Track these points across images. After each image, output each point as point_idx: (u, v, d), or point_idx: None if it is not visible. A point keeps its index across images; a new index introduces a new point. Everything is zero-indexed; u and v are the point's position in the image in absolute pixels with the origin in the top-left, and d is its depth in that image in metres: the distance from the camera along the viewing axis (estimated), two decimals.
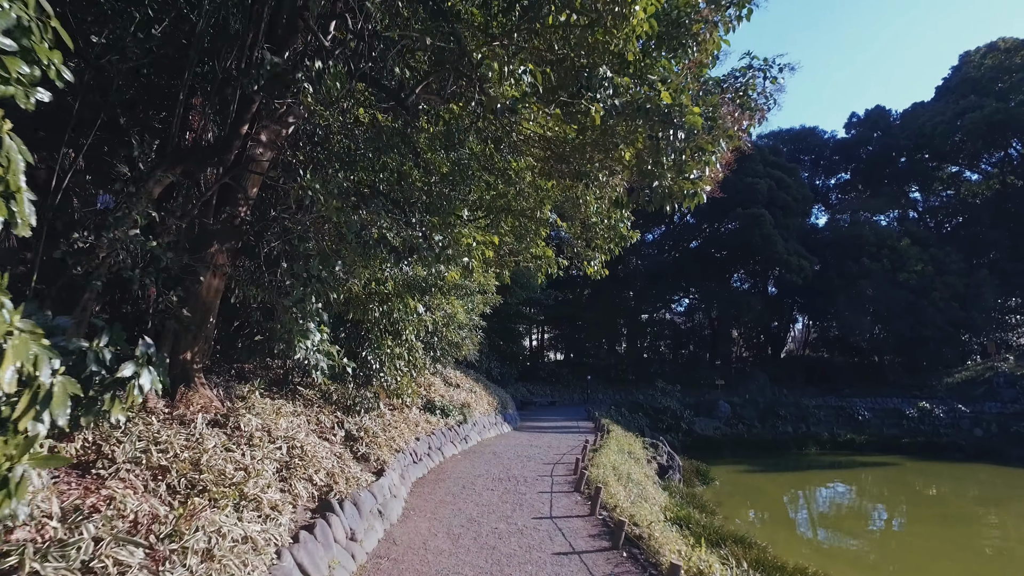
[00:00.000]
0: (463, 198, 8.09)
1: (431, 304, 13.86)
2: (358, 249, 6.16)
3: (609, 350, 47.95)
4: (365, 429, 10.55)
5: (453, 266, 8.05)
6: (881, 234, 41.78)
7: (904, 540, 17.44)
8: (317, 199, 5.56)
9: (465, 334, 17.39)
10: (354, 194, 6.84)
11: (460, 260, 7.13)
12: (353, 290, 8.76)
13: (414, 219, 7.15)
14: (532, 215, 10.95)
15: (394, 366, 12.00)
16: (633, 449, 17.68)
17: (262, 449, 6.68)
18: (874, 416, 38.17)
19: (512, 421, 22.34)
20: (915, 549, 16.05)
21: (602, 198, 9.57)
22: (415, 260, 8.80)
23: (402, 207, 7.13)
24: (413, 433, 12.57)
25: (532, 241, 11.88)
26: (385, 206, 6.78)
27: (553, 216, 10.11)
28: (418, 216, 7.21)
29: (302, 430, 8.59)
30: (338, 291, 7.19)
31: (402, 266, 8.37)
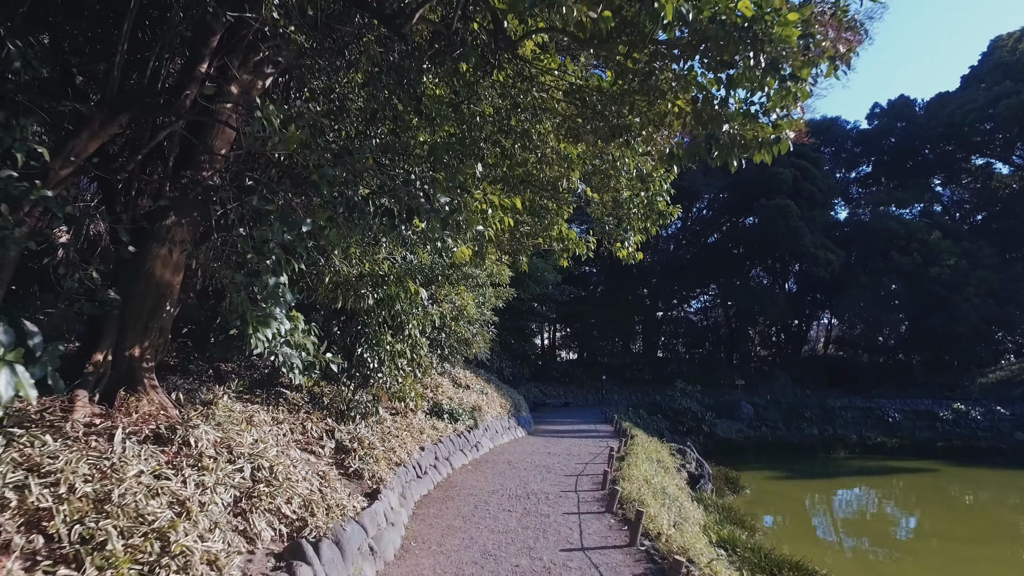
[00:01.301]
0: (474, 162, 6.53)
1: (437, 295, 12.29)
2: (339, 208, 4.58)
3: (624, 349, 46.23)
4: (360, 439, 8.99)
5: (463, 238, 6.49)
6: (910, 227, 39.74)
7: (960, 555, 15.68)
8: (274, 132, 3.99)
9: (476, 330, 15.80)
10: (335, 142, 5.26)
11: (473, 227, 5.53)
12: (342, 272, 7.19)
13: (413, 175, 5.56)
14: (556, 187, 9.34)
15: (395, 365, 10.42)
16: (661, 456, 16.03)
17: (215, 473, 5.11)
18: (905, 418, 36.20)
19: (526, 425, 20.73)
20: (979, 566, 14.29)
21: (645, 157, 7.93)
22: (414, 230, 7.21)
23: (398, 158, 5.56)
24: (417, 442, 10.99)
25: (555, 218, 10.26)
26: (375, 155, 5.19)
27: (581, 187, 8.49)
28: (419, 172, 5.62)
29: (276, 444, 7.03)
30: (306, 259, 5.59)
31: (399, 234, 6.79)
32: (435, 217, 5.29)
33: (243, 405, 7.85)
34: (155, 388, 6.62)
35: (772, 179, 35.31)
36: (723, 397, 38.30)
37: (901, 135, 51.47)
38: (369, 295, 7.17)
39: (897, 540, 17.18)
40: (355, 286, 7.13)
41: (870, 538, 17.02)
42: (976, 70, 51.46)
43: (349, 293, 7.23)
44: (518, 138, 8.23)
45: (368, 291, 7.14)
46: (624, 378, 40.71)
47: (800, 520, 19.28)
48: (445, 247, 6.69)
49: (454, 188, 5.81)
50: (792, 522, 18.64)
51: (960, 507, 21.92)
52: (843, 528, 18.47)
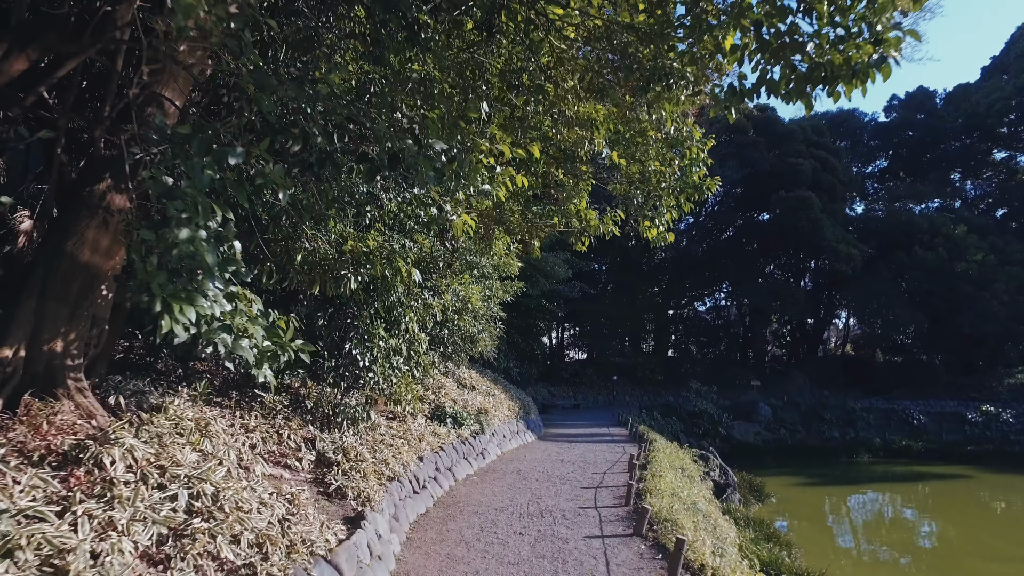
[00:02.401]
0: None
1: (438, 285, 10.98)
2: (290, 141, 3.26)
3: (634, 348, 44.76)
4: (345, 450, 7.68)
5: (464, 192, 5.18)
6: (934, 221, 38.10)
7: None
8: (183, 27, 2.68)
9: (482, 327, 14.48)
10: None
11: (475, 182, 4.19)
12: (318, 248, 5.88)
13: (400, 113, 4.24)
14: (575, 154, 8.00)
15: (389, 364, 9.12)
16: (684, 464, 14.65)
17: (132, 505, 3.80)
18: (930, 420, 34.60)
19: (536, 429, 19.38)
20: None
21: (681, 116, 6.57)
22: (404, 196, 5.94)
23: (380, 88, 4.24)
24: (415, 451, 9.67)
25: (574, 192, 8.91)
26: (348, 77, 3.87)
27: (606, 151, 7.15)
28: (407, 110, 4.30)
29: (239, 458, 5.73)
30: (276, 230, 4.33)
31: (378, 197, 5.51)
32: (425, 164, 3.97)
33: (203, 410, 6.58)
34: (82, 391, 5.34)
35: (790, 171, 33.78)
36: (739, 398, 36.84)
37: (921, 127, 49.76)
38: (351, 277, 5.86)
39: (944, 558, 15.71)
40: (334, 266, 5.82)
41: (913, 555, 15.57)
42: (999, 60, 49.69)
43: (327, 275, 5.92)
44: (531, 94, 6.89)
45: (350, 272, 5.82)
46: (635, 378, 39.29)
47: (831, 532, 17.83)
48: (442, 216, 5.36)
49: (453, 131, 4.48)
50: (823, 533, 17.20)
51: (1004, 519, 20.37)
52: (882, 543, 17.01)
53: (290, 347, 4.37)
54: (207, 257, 3.04)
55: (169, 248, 2.91)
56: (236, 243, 4.24)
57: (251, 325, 3.77)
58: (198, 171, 2.94)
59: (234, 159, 3.05)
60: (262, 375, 4.29)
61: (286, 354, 4.37)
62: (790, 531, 14.89)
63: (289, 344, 4.41)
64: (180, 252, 2.95)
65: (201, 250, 3.00)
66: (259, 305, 4.29)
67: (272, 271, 6.07)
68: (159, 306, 3.09)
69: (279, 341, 4.37)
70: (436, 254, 10.85)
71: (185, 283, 3.47)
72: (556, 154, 8.14)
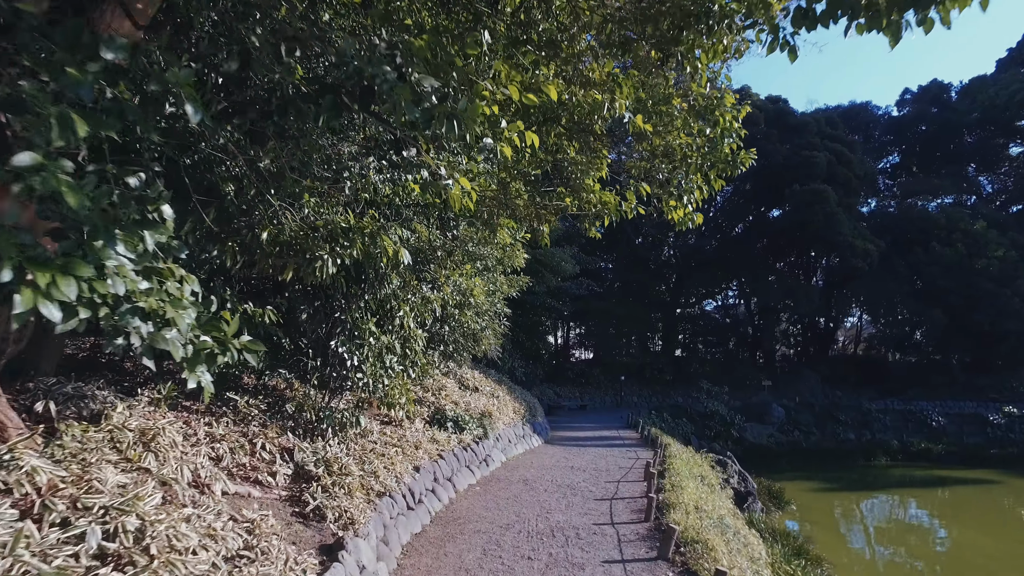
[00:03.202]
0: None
1: (437, 277, 10.00)
2: (228, 54, 2.28)
3: (642, 348, 43.68)
4: (329, 461, 6.69)
5: (457, 145, 4.22)
6: (951, 216, 36.86)
7: None
8: None
9: (485, 323, 13.49)
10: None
11: (472, 129, 3.18)
12: (287, 224, 4.88)
13: (377, 38, 3.25)
14: (592, 123, 6.98)
15: (381, 363, 8.13)
16: (703, 472, 13.61)
17: (12, 553, 2.80)
18: (950, 422, 33.41)
19: (542, 432, 18.36)
20: None
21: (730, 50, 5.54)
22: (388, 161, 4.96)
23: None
24: (411, 460, 8.67)
25: (591, 167, 7.89)
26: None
27: (628, 115, 6.13)
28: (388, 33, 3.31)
29: (195, 476, 4.75)
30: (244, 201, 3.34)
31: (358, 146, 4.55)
32: (407, 96, 2.98)
33: (159, 417, 5.60)
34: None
35: (804, 164, 32.63)
36: (750, 399, 35.74)
37: (935, 121, 48.45)
38: (329, 259, 4.86)
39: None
40: (306, 244, 4.82)
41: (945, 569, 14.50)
42: (1015, 52, 48.37)
43: (300, 257, 4.92)
44: (542, 48, 5.89)
45: (324, 252, 4.82)
46: (643, 379, 38.24)
47: (857, 542, 16.77)
48: (436, 183, 4.37)
49: (447, 68, 3.49)
50: (848, 544, 16.15)
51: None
52: (912, 554, 15.94)
53: (233, 344, 3.36)
54: (70, 197, 2.04)
55: (8, 181, 1.92)
56: (166, 207, 3.28)
57: (173, 309, 2.77)
58: (57, 70, 1.95)
59: (113, 53, 2.06)
60: (195, 378, 3.28)
61: (228, 353, 3.36)
62: (815, 542, 13.83)
63: (233, 340, 3.40)
64: (25, 188, 1.95)
65: (61, 187, 2.00)
66: (195, 286, 3.29)
67: (236, 252, 5.08)
68: (9, 274, 2.10)
69: (220, 336, 3.37)
70: (435, 243, 9.88)
71: (71, 247, 2.49)
72: (568, 124, 7.13)
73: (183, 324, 2.80)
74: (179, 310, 2.77)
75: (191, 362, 3.24)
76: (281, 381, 9.03)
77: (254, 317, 6.84)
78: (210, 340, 3.33)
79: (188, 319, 2.91)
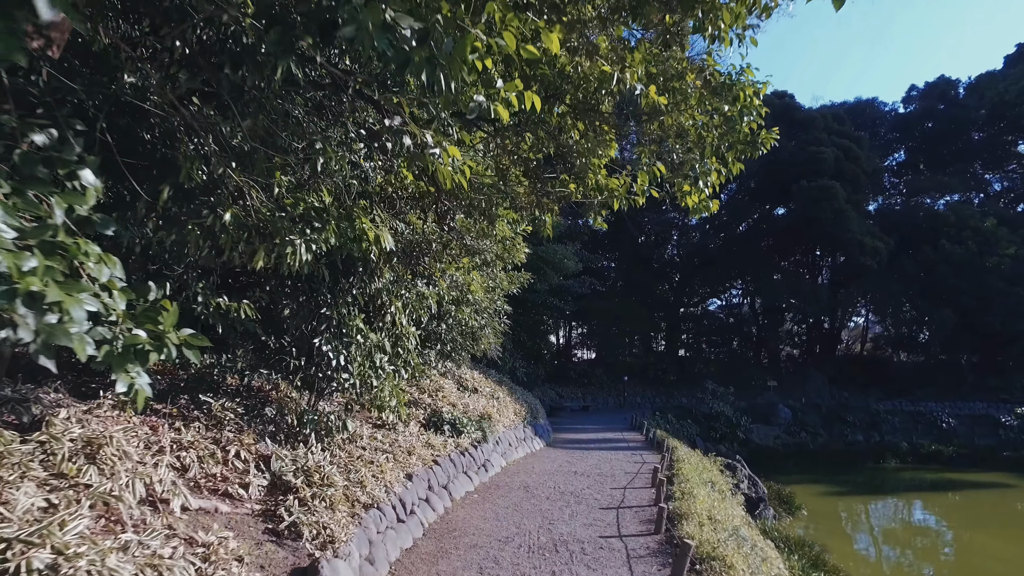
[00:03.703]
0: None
1: (432, 271, 9.39)
2: None
3: (645, 348, 43.01)
4: (309, 470, 6.08)
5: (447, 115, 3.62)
6: (961, 213, 36.14)
7: None
8: None
9: (484, 321, 12.88)
10: None
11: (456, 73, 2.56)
12: (253, 205, 4.28)
13: None
14: (597, 103, 6.38)
15: (370, 363, 7.52)
16: (713, 477, 12.99)
17: None
18: (960, 424, 32.72)
19: (544, 435, 17.74)
20: None
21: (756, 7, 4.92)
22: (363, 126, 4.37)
23: None
24: (403, 467, 8.06)
25: (598, 147, 7.27)
26: None
27: (640, 87, 5.52)
28: None
29: (138, 494, 4.15)
30: None
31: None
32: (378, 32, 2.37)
33: (114, 423, 5.01)
34: None
35: (811, 160, 31.94)
36: (755, 399, 35.05)
37: (942, 118, 47.68)
38: (302, 244, 4.26)
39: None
40: (276, 226, 4.21)
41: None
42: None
43: (269, 242, 4.32)
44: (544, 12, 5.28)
45: (298, 237, 4.22)
46: (646, 379, 37.60)
47: (869, 548, 16.13)
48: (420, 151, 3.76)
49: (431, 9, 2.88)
50: (862, 551, 15.51)
51: None
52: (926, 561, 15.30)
53: (170, 339, 2.75)
54: None
55: None
56: (87, 172, 2.72)
57: (63, 293, 2.16)
58: None
59: None
60: (126, 380, 2.66)
61: (164, 350, 2.75)
62: (830, 551, 13.19)
63: (171, 334, 2.79)
64: None
65: None
66: (117, 271, 2.67)
67: (198, 237, 4.47)
68: None
69: (156, 330, 2.76)
70: (430, 235, 9.26)
71: None
72: (573, 101, 6.52)
73: (77, 313, 2.18)
74: (72, 294, 2.15)
75: (118, 361, 2.63)
76: (266, 382, 8.44)
77: (228, 312, 6.25)
78: (144, 334, 2.72)
79: (81, 309, 2.28)
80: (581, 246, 31.04)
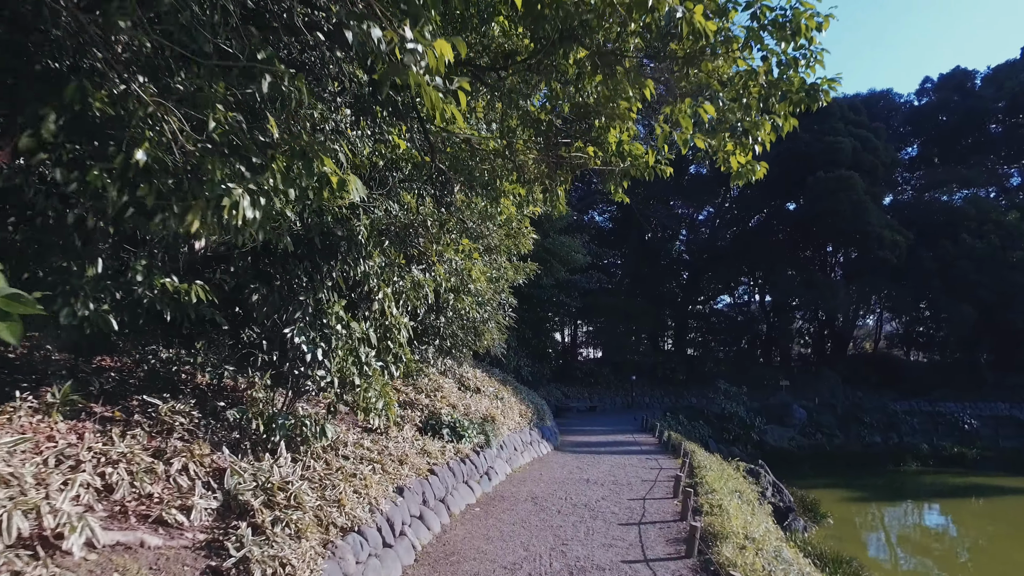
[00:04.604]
0: None
1: (428, 254, 8.29)
2: None
3: (653, 346, 41.81)
4: (272, 488, 4.97)
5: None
6: (981, 206, 34.83)
7: None
8: None
9: (488, 314, 11.77)
10: None
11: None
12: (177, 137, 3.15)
13: None
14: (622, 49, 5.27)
15: (354, 359, 6.40)
16: (740, 486, 11.84)
17: None
18: (983, 425, 31.42)
19: (552, 437, 16.61)
20: None
21: None
22: None
23: None
24: (392, 479, 6.95)
25: (622, 93, 6.11)
26: None
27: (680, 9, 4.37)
28: None
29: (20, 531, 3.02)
30: None
31: None
32: None
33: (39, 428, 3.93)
34: None
35: (828, 150, 30.66)
36: (767, 399, 33.82)
37: (958, 110, 46.23)
38: (243, 193, 3.14)
39: None
40: (204, 166, 3.10)
41: None
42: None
43: (198, 189, 3.20)
44: None
45: (238, 184, 3.10)
46: (655, 378, 36.44)
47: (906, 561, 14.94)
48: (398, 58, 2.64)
49: None
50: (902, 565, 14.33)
51: None
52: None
53: None
54: None
55: None
56: None
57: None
58: None
59: None
60: None
61: None
62: (867, 568, 12.02)
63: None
64: None
65: None
66: None
67: (106, 184, 3.34)
68: None
69: None
70: (425, 213, 8.16)
71: None
72: (592, 44, 5.38)
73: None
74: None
75: None
76: (238, 381, 7.34)
77: (178, 295, 5.14)
78: None
79: None
80: (589, 238, 29.86)
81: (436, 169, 7.35)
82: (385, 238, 7.86)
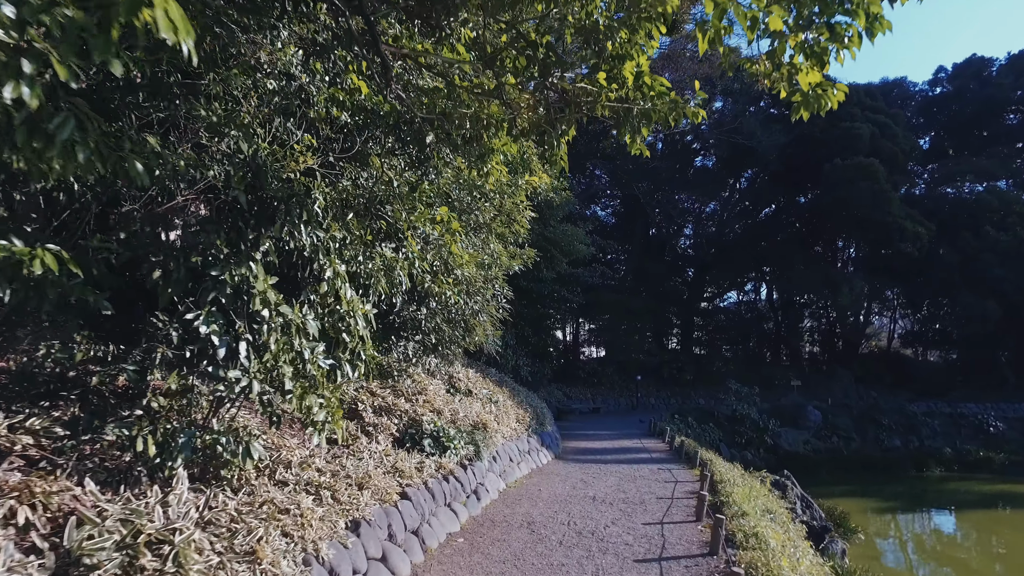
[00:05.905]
0: None
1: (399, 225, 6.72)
2: None
3: (658, 345, 40.17)
4: (149, 540, 3.38)
5: None
6: (1005, 198, 33.15)
7: None
8: None
9: (478, 306, 10.16)
10: None
11: None
12: None
13: None
14: None
15: (292, 356, 4.82)
16: (769, 504, 10.26)
17: None
18: (1010, 428, 29.78)
19: (552, 444, 15.02)
20: None
21: None
22: None
23: None
24: (346, 511, 5.36)
25: (627, 38, 4.59)
26: None
27: None
28: None
29: None
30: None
31: None
32: None
33: None
34: None
35: (845, 137, 28.97)
36: (779, 400, 32.20)
37: (974, 99, 44.46)
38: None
39: None
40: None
41: None
42: None
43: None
44: None
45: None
46: (661, 378, 34.85)
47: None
48: None
49: None
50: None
51: None
52: None
53: None
54: None
55: None
56: None
57: None
58: None
59: None
60: None
61: None
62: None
63: None
64: None
65: None
66: None
67: None
68: None
69: None
70: (394, 177, 6.59)
71: None
72: None
73: None
74: None
75: None
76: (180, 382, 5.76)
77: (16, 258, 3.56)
78: None
79: None
80: (592, 231, 28.26)
81: (401, 116, 5.78)
82: (350, 210, 6.32)
